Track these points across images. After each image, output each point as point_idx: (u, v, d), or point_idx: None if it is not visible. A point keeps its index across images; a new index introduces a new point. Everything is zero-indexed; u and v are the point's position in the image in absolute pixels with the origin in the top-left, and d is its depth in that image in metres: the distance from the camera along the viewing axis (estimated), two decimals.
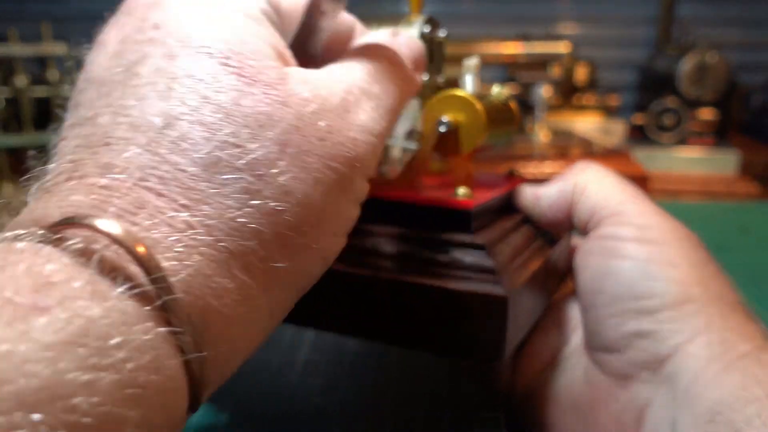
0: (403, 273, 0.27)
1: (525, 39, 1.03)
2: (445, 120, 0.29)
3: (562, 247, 0.34)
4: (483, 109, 0.29)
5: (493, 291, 0.25)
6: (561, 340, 0.32)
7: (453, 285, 0.26)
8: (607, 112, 1.18)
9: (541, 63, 1.03)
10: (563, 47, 0.98)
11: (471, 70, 0.32)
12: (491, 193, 0.31)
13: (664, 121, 1.08)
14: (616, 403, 0.27)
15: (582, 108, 1.17)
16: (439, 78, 0.33)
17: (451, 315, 0.26)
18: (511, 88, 1.05)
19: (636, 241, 0.28)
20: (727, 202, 0.90)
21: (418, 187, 0.30)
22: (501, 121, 0.32)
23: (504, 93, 0.32)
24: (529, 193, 0.33)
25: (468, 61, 0.32)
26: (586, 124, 1.14)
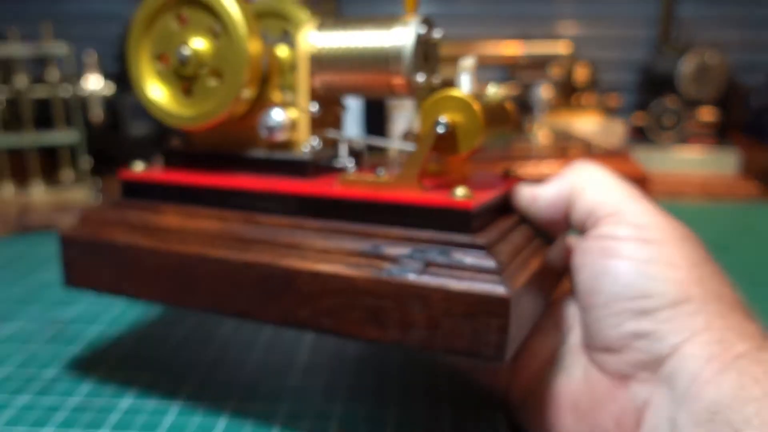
0: (403, 274, 0.27)
1: (525, 39, 1.03)
2: (443, 121, 0.29)
3: (559, 247, 0.34)
4: (481, 109, 0.29)
5: (494, 291, 0.25)
6: (559, 340, 0.32)
7: (454, 286, 0.26)
8: (607, 112, 1.18)
9: (541, 63, 1.02)
10: (563, 47, 0.98)
11: (467, 70, 0.32)
12: (489, 193, 0.31)
13: (664, 121, 1.07)
14: (615, 403, 0.27)
15: (582, 108, 1.17)
16: (435, 78, 0.33)
17: (452, 316, 0.26)
18: (510, 88, 1.05)
19: (634, 240, 0.28)
20: (728, 203, 0.90)
21: (416, 188, 0.30)
22: (498, 121, 0.32)
23: (500, 93, 0.32)
24: (526, 192, 0.33)
25: (464, 62, 0.32)
26: (586, 124, 1.14)
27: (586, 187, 0.30)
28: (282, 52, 0.37)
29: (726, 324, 0.25)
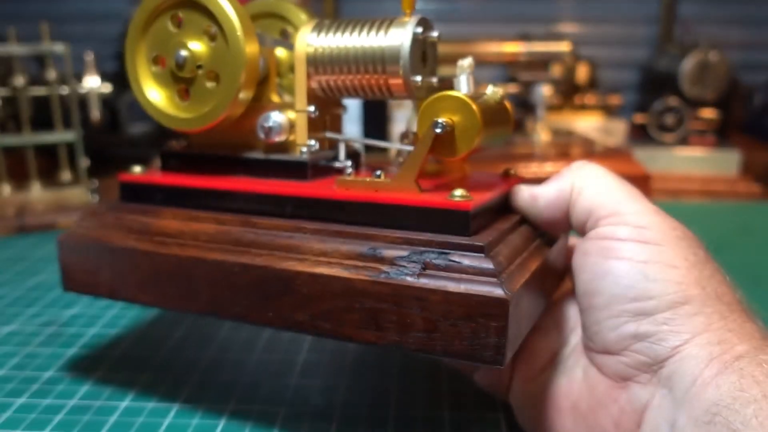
0: (401, 277, 0.27)
1: (526, 38, 1.03)
2: (441, 121, 0.29)
3: (559, 247, 0.34)
4: (479, 110, 0.29)
5: (493, 293, 0.25)
6: (560, 341, 0.32)
7: (452, 288, 0.26)
8: (608, 111, 1.17)
9: (541, 62, 1.02)
10: (564, 47, 0.98)
11: (465, 71, 0.31)
12: (488, 194, 0.30)
13: (666, 121, 1.07)
14: (615, 404, 0.27)
15: (583, 107, 1.17)
16: (433, 79, 0.33)
17: (451, 319, 0.26)
18: (511, 88, 1.05)
19: (634, 241, 0.27)
20: (729, 202, 0.89)
21: (414, 190, 0.30)
22: (497, 121, 0.31)
23: (499, 92, 0.32)
24: (526, 193, 0.33)
25: (462, 62, 0.31)
26: (587, 123, 1.13)
27: (586, 187, 0.30)
28: (280, 53, 0.37)
29: (726, 325, 0.25)
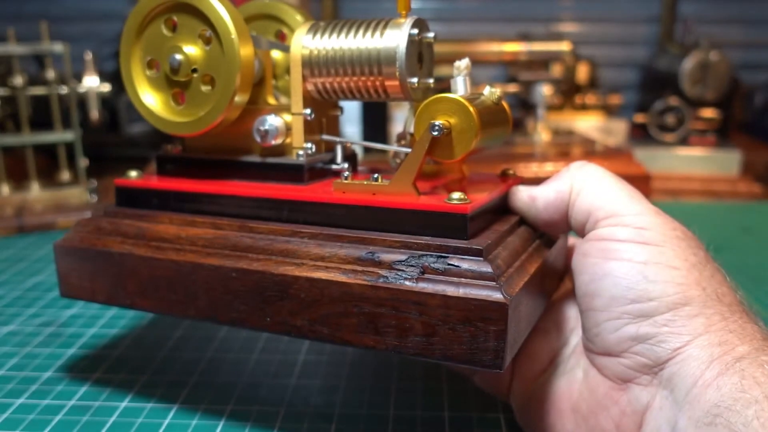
0: (399, 281, 0.27)
1: (526, 38, 1.02)
2: (438, 124, 0.29)
3: (558, 248, 0.34)
4: (476, 111, 0.29)
5: (491, 297, 0.25)
6: (560, 341, 0.32)
7: (451, 292, 0.26)
8: (609, 111, 1.17)
9: (542, 62, 1.02)
10: (564, 46, 0.98)
11: (462, 72, 0.31)
12: (486, 196, 0.30)
13: (666, 121, 1.07)
14: (616, 406, 0.27)
15: (583, 107, 1.16)
16: (430, 80, 0.33)
17: (449, 323, 0.26)
18: (511, 88, 1.05)
19: (633, 242, 0.27)
20: (729, 202, 0.89)
21: (412, 193, 0.29)
22: (494, 122, 0.31)
23: (496, 93, 0.32)
24: (524, 194, 0.32)
25: (459, 63, 0.31)
26: (588, 123, 1.13)
27: (585, 188, 0.30)
28: (276, 55, 0.36)
29: (727, 326, 0.25)
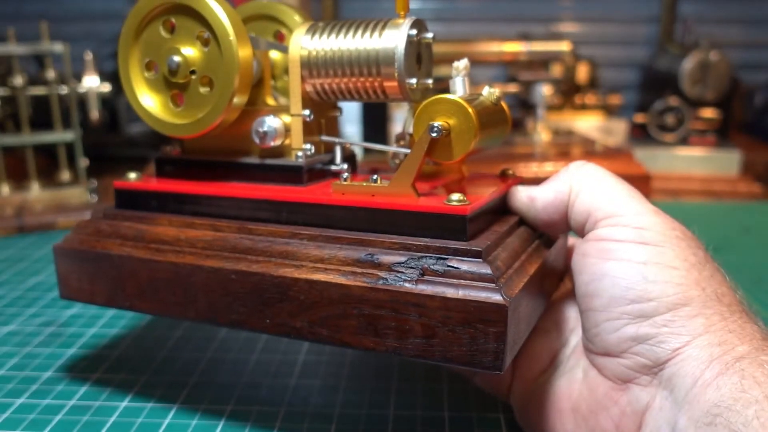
0: (398, 283, 0.27)
1: (526, 38, 1.02)
2: (436, 125, 0.29)
3: (558, 248, 0.34)
4: (475, 112, 0.29)
5: (491, 299, 0.25)
6: (560, 341, 0.32)
7: (450, 294, 0.26)
8: (609, 111, 1.17)
9: (542, 62, 1.02)
10: (564, 46, 0.98)
11: (461, 72, 0.31)
12: (485, 197, 0.30)
13: (666, 121, 1.07)
14: (616, 406, 0.27)
15: (583, 107, 1.16)
16: (429, 80, 0.33)
17: (449, 325, 0.25)
18: (511, 88, 1.05)
19: (633, 242, 0.27)
20: (729, 202, 0.89)
21: (411, 195, 0.29)
22: (493, 123, 0.31)
23: (495, 93, 0.32)
24: (523, 194, 0.32)
25: (458, 63, 0.31)
26: (588, 123, 1.13)
27: (584, 188, 0.30)
28: (274, 55, 0.36)
29: (726, 326, 0.25)
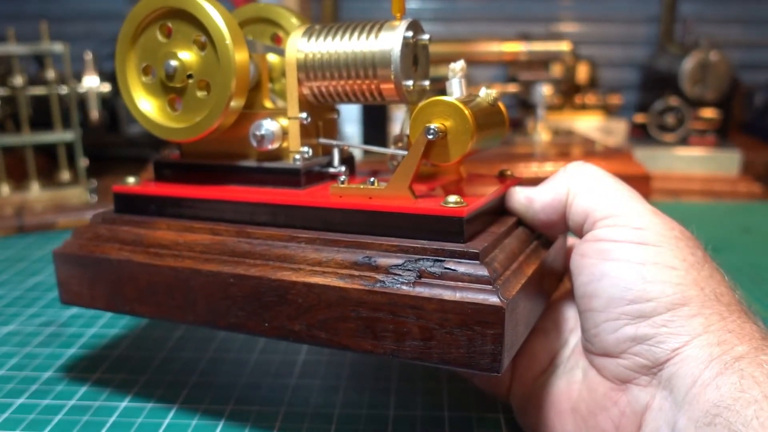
0: (396, 286, 0.27)
1: (526, 38, 1.02)
2: (433, 127, 0.29)
3: (557, 248, 0.34)
4: (471, 114, 0.29)
5: (488, 301, 0.25)
6: (559, 342, 0.32)
7: (448, 296, 0.26)
8: (609, 111, 1.17)
9: (542, 62, 1.02)
10: (564, 46, 0.98)
11: (457, 74, 0.31)
12: (483, 198, 0.30)
13: (666, 121, 1.07)
14: (615, 407, 0.27)
15: (583, 107, 1.16)
16: (425, 82, 0.33)
17: (447, 327, 0.25)
18: (511, 88, 1.05)
19: (631, 242, 0.27)
20: (729, 202, 0.89)
21: (408, 197, 0.29)
22: (490, 124, 0.31)
23: (491, 94, 0.32)
24: (521, 195, 0.32)
25: (454, 65, 0.31)
26: (588, 123, 1.13)
27: (582, 188, 0.30)
28: (272, 58, 0.36)
29: (725, 325, 0.25)
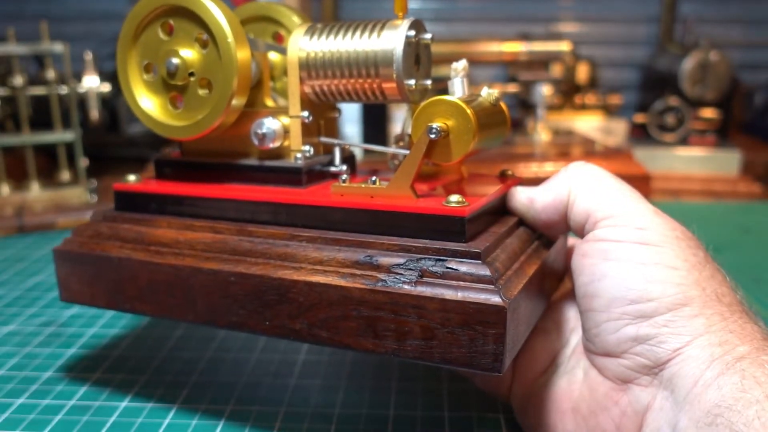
0: (397, 285, 0.27)
1: (526, 38, 1.02)
2: (435, 127, 0.29)
3: (558, 248, 0.34)
4: (473, 114, 0.29)
5: (490, 300, 0.25)
6: (560, 342, 0.32)
7: (449, 296, 0.26)
8: (609, 111, 1.17)
9: (542, 62, 1.02)
10: (564, 46, 0.98)
11: (459, 74, 0.31)
12: (484, 198, 0.30)
13: (666, 121, 1.07)
14: (616, 407, 0.27)
15: (583, 107, 1.16)
16: (427, 81, 0.33)
17: (448, 326, 0.25)
18: (511, 88, 1.05)
19: (633, 242, 0.27)
20: (729, 202, 0.89)
21: (410, 196, 0.29)
22: (492, 124, 0.31)
23: (493, 94, 0.32)
24: (523, 195, 0.32)
25: (456, 64, 0.31)
26: (588, 123, 1.13)
27: (583, 189, 0.30)
28: (273, 56, 0.36)
29: (727, 326, 0.25)
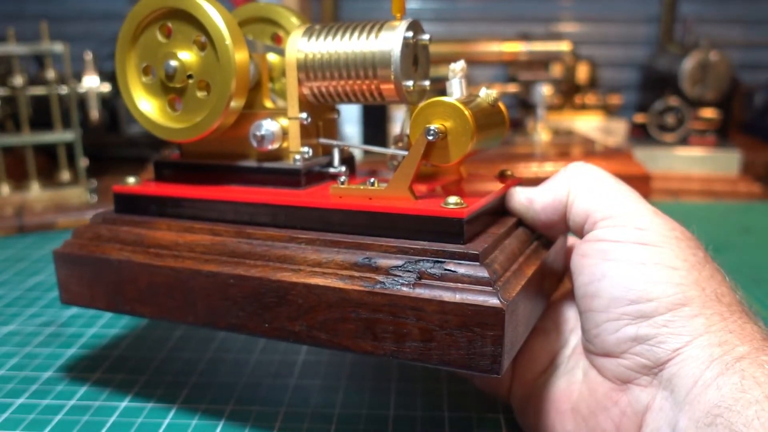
0: (396, 287, 0.27)
1: (526, 38, 1.02)
2: (433, 128, 0.29)
3: (557, 248, 0.34)
4: (471, 115, 0.29)
5: (488, 302, 0.25)
6: (560, 342, 0.32)
7: (448, 297, 0.26)
8: (609, 111, 1.17)
9: (542, 62, 1.02)
10: (564, 46, 0.98)
11: (457, 74, 0.31)
12: (483, 199, 0.30)
13: (666, 121, 1.07)
14: (616, 407, 0.27)
15: (583, 107, 1.16)
16: (425, 82, 0.33)
17: (447, 328, 0.25)
18: (511, 88, 1.04)
19: (632, 243, 0.27)
20: (729, 202, 0.89)
21: (408, 198, 0.29)
22: (491, 124, 0.31)
23: (492, 94, 0.32)
24: (522, 196, 0.32)
25: (454, 65, 0.31)
26: (588, 123, 1.13)
27: (583, 189, 0.30)
28: (272, 57, 0.36)
29: (726, 326, 0.25)
